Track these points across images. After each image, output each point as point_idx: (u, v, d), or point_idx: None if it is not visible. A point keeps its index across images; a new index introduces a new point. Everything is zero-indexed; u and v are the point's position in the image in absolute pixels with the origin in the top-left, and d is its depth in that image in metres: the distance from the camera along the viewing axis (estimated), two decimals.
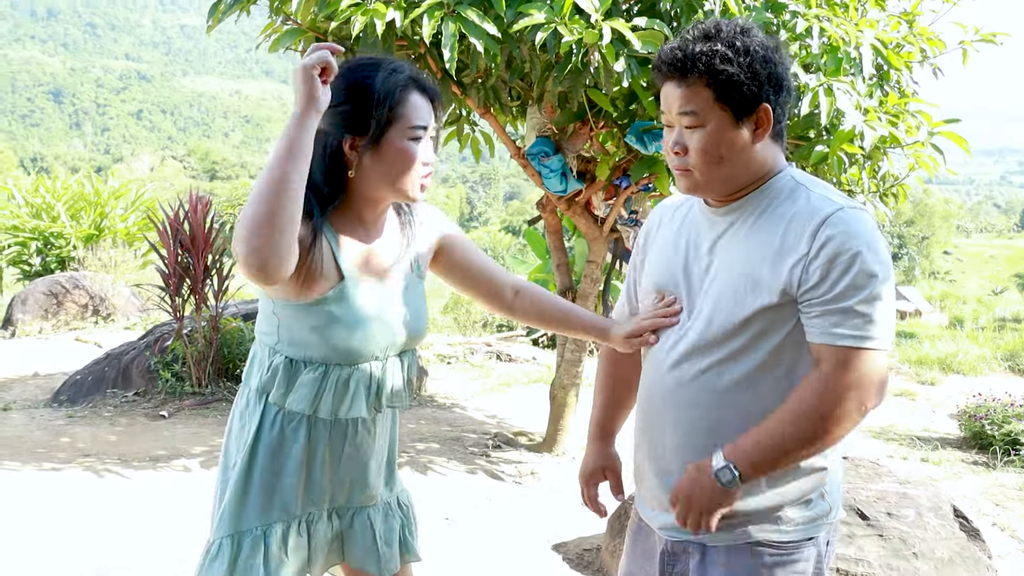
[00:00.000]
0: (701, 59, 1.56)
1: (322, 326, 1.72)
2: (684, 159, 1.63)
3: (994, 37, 4.40)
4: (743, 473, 1.59)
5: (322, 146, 1.68)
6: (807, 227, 1.56)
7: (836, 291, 1.53)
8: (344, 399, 1.77)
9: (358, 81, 1.69)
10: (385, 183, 1.74)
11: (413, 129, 1.71)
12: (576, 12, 3.50)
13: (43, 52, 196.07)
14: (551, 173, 4.71)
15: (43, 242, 11.99)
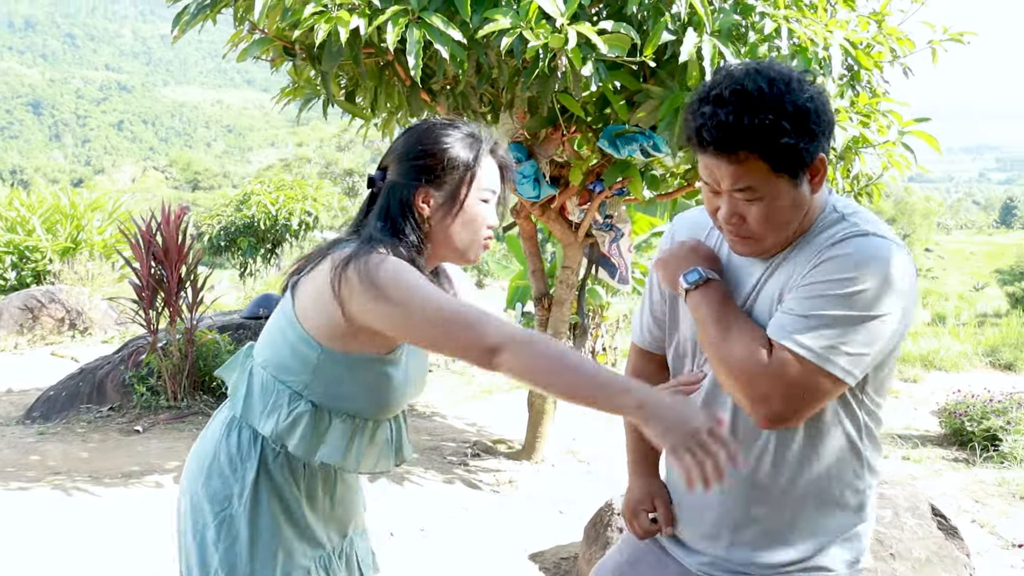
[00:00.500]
0: (754, 134, 1.40)
1: (374, 383, 1.69)
2: (744, 228, 1.51)
3: (961, 36, 4.40)
4: (694, 287, 1.57)
5: (397, 193, 1.69)
6: (824, 244, 1.49)
7: (812, 297, 1.45)
8: (371, 453, 1.76)
9: (437, 138, 1.71)
10: (452, 241, 1.73)
11: (486, 191, 1.73)
12: (542, 17, 3.47)
13: (21, 63, 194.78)
14: (524, 179, 4.68)
15: (18, 256, 11.86)
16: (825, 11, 4.35)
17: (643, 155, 4.24)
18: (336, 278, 1.56)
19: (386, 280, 1.54)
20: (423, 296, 1.53)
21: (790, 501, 1.59)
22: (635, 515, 1.81)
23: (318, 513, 1.77)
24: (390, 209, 1.69)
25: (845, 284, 1.43)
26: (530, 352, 1.47)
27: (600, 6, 3.98)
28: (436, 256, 1.76)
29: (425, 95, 4.36)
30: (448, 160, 1.69)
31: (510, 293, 12.07)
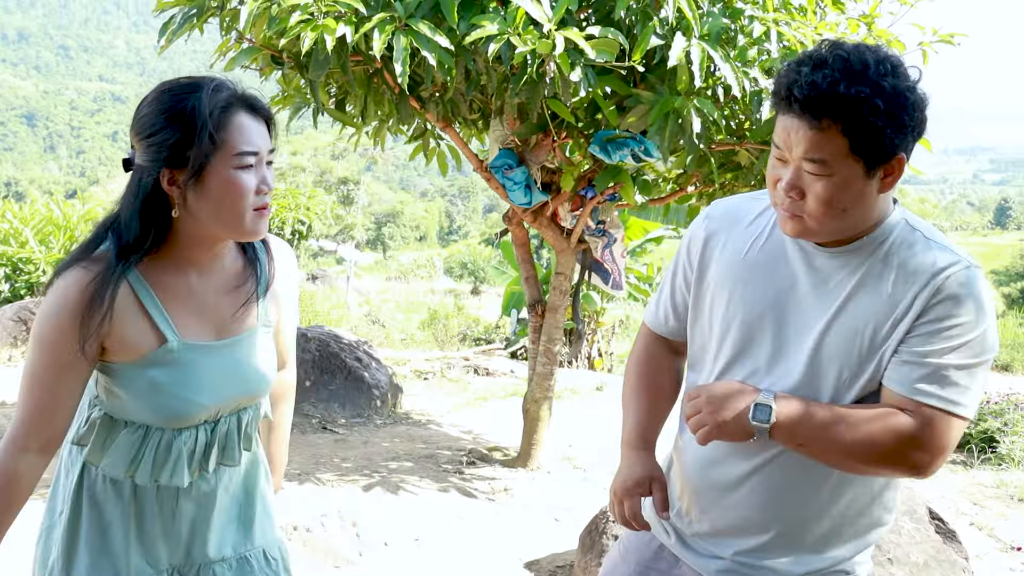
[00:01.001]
0: (845, 104, 1.34)
1: (141, 391, 1.52)
2: (798, 204, 1.44)
3: (952, 38, 4.40)
4: (776, 427, 1.45)
5: (136, 182, 1.48)
6: (929, 283, 1.43)
7: (937, 348, 1.42)
8: (165, 466, 1.57)
9: (173, 105, 1.47)
10: (214, 220, 1.49)
11: (240, 156, 1.47)
12: (529, 22, 3.46)
13: (15, 75, 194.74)
14: (515, 185, 4.67)
15: (11, 268, 11.81)
16: (815, 14, 4.35)
17: (634, 160, 4.23)
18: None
19: (37, 320, 1.48)
20: (30, 356, 1.48)
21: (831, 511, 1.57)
22: (628, 496, 1.67)
23: (151, 530, 1.62)
24: (124, 198, 1.50)
25: (970, 328, 1.42)
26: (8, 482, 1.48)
27: (588, 11, 3.97)
28: (208, 236, 1.54)
29: (414, 102, 4.35)
30: (186, 130, 1.45)
31: (505, 299, 12.08)
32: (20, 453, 1.48)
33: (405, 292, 24.43)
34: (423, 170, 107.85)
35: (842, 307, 1.48)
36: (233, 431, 1.65)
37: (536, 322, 5.27)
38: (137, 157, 1.49)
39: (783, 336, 1.53)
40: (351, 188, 43.79)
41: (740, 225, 1.63)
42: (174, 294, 1.55)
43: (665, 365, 1.80)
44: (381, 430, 6.29)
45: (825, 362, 1.49)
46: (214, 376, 1.57)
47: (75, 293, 1.44)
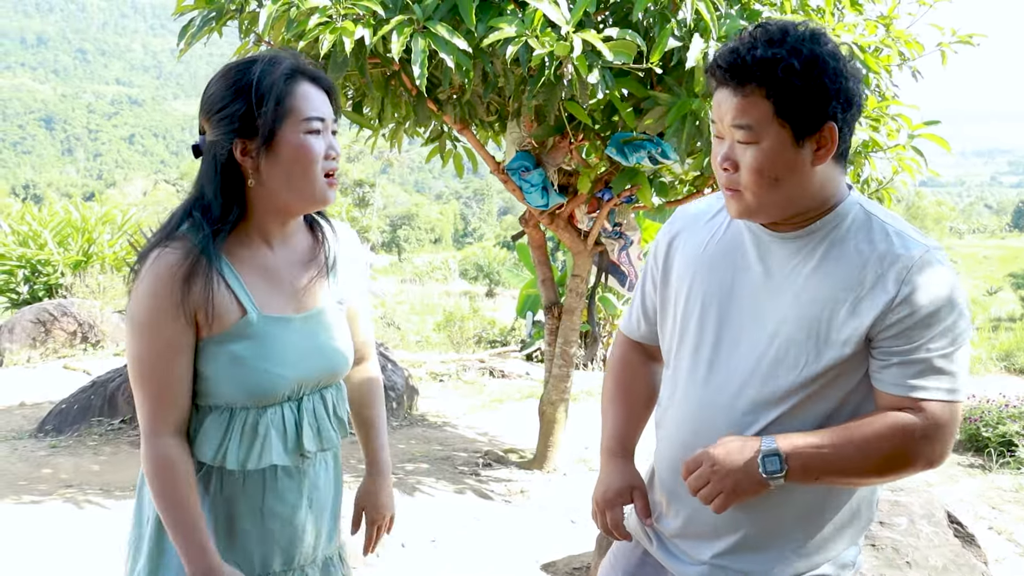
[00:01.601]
0: (762, 67, 1.38)
1: (223, 367, 1.53)
2: (734, 177, 1.46)
3: (971, 38, 4.37)
4: (791, 471, 1.43)
5: (212, 157, 1.52)
6: (891, 269, 1.43)
7: (920, 342, 1.42)
8: (253, 447, 1.56)
9: (238, 79, 1.51)
10: (287, 188, 1.53)
11: (308, 121, 1.52)
12: (547, 25, 3.47)
13: (33, 79, 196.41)
14: (532, 187, 4.67)
15: (30, 270, 11.91)
16: (832, 15, 4.33)
17: (651, 162, 4.22)
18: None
19: (133, 309, 1.50)
20: (137, 344, 1.50)
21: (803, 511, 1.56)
22: (610, 506, 1.70)
23: (238, 530, 1.60)
24: (203, 175, 1.54)
25: (947, 313, 1.43)
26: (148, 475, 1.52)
27: (606, 13, 3.97)
28: (281, 206, 1.57)
29: (432, 105, 4.36)
30: (254, 99, 1.49)
31: (520, 302, 12.07)
32: (160, 439, 1.51)
33: (420, 294, 24.49)
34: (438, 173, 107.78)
35: (799, 293, 1.49)
36: (320, 410, 1.66)
37: (552, 324, 5.27)
38: (209, 134, 1.53)
39: (741, 324, 1.54)
40: (366, 191, 43.90)
41: (700, 222, 1.66)
42: (251, 268, 1.57)
43: (640, 371, 1.81)
44: (397, 432, 6.31)
45: (783, 348, 1.49)
46: (293, 349, 1.58)
47: (168, 273, 1.46)
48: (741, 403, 1.52)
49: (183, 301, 1.47)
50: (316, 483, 1.68)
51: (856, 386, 1.49)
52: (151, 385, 1.50)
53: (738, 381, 1.53)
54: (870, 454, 1.43)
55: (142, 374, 1.50)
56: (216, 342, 1.53)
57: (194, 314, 1.49)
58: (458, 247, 55.44)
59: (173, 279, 1.46)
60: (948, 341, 1.43)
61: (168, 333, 1.48)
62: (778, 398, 1.50)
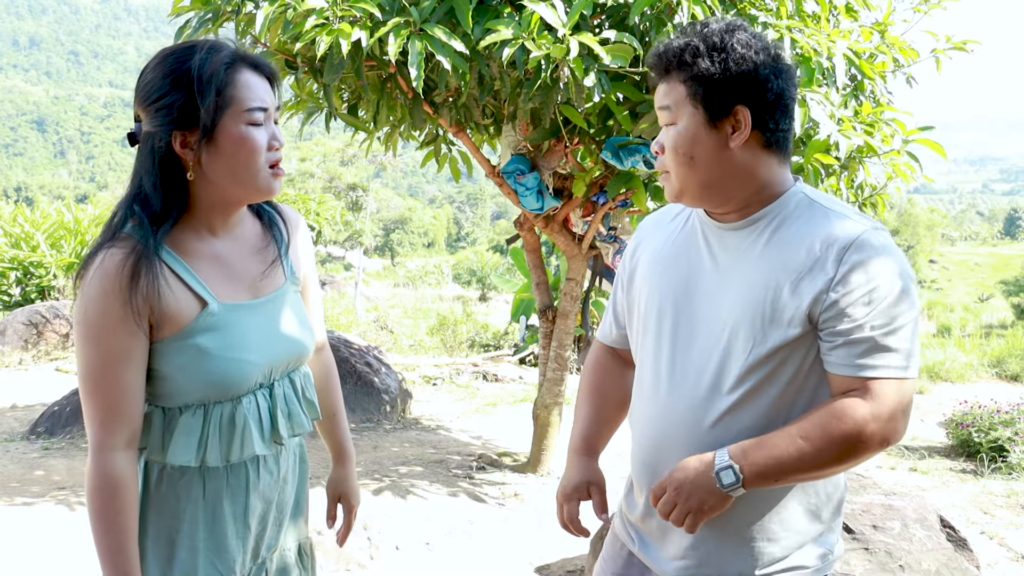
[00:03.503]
0: (676, 54, 1.50)
1: (190, 363, 1.47)
2: (662, 159, 1.56)
3: (964, 45, 4.40)
4: (747, 480, 1.46)
5: (149, 149, 1.45)
6: (831, 249, 1.46)
7: (863, 320, 1.44)
8: (233, 439, 1.52)
9: (177, 67, 1.44)
10: (230, 180, 1.48)
11: (250, 112, 1.46)
12: (544, 28, 3.47)
13: (26, 81, 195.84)
14: (527, 191, 4.68)
15: (22, 272, 11.87)
16: (828, 21, 4.35)
17: (646, 166, 4.23)
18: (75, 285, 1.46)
19: (80, 315, 1.42)
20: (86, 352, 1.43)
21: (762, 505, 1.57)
22: (567, 500, 1.75)
23: (224, 532, 1.56)
24: (140, 168, 1.47)
25: (890, 289, 1.44)
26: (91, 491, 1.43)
27: (602, 17, 3.98)
28: (226, 198, 1.52)
29: (428, 107, 4.36)
30: (193, 90, 1.43)
31: (514, 306, 12.07)
32: (110, 454, 1.42)
33: (413, 298, 24.44)
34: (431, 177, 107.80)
35: (744, 279, 1.53)
36: (291, 394, 1.62)
37: (547, 328, 5.27)
38: (145, 125, 1.46)
39: (696, 317, 1.58)
40: (360, 194, 43.86)
41: (661, 225, 1.74)
42: (202, 259, 1.52)
43: (612, 375, 1.85)
44: (391, 435, 6.30)
45: (734, 334, 1.52)
46: (257, 334, 1.54)
47: (114, 274, 1.40)
48: (700, 392, 1.55)
49: (131, 303, 1.40)
50: (286, 477, 1.66)
51: (806, 368, 1.51)
52: (101, 395, 1.42)
53: (696, 372, 1.56)
54: (824, 447, 1.44)
55: (92, 383, 1.42)
56: (177, 339, 1.47)
57: (146, 316, 1.43)
58: (451, 251, 55.41)
59: (119, 281, 1.40)
60: (891, 318, 1.44)
61: (117, 339, 1.41)
62: (732, 384, 1.52)
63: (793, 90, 1.54)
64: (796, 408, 1.51)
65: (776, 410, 1.51)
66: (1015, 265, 38.65)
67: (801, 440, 1.45)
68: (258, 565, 1.64)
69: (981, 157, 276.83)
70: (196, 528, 1.53)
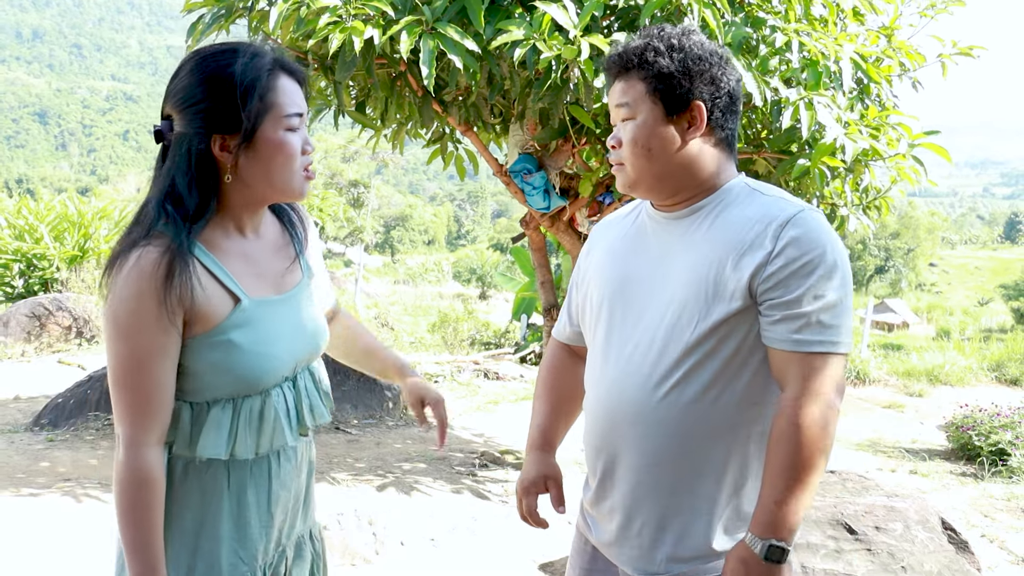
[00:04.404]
0: (636, 53, 1.59)
1: (222, 359, 1.49)
2: (618, 152, 1.63)
3: (971, 50, 4.42)
4: (789, 539, 1.51)
5: (185, 151, 1.47)
6: (769, 227, 1.54)
7: (799, 294, 1.51)
8: (263, 432, 1.55)
9: (217, 71, 1.47)
10: (265, 183, 1.52)
11: (288, 118, 1.50)
12: (555, 28, 3.50)
13: (28, 73, 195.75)
14: (534, 190, 4.70)
15: (26, 264, 11.89)
16: (835, 25, 4.38)
17: None
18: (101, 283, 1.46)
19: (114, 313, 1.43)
20: (120, 349, 1.43)
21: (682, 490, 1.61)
22: (526, 494, 1.83)
23: (249, 523, 1.58)
24: (174, 167, 1.48)
25: (820, 263, 1.51)
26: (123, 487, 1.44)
27: (612, 18, 4.00)
28: (258, 199, 1.56)
29: (437, 106, 4.38)
30: (235, 95, 1.46)
31: (515, 305, 12.10)
32: (142, 449, 1.44)
33: (413, 296, 24.47)
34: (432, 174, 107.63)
35: (688, 259, 1.60)
36: (311, 386, 1.66)
37: (550, 326, 5.30)
38: (180, 126, 1.48)
39: (641, 302, 1.65)
40: (361, 191, 43.88)
41: (614, 225, 1.82)
42: (232, 256, 1.54)
43: (566, 371, 1.91)
44: (393, 431, 6.33)
45: (677, 311, 1.58)
46: (284, 329, 1.58)
47: (150, 273, 1.41)
48: (645, 370, 1.60)
49: (167, 302, 1.42)
50: (300, 466, 1.69)
51: (750, 342, 1.57)
52: (135, 392, 1.44)
53: (642, 351, 1.62)
54: (802, 457, 1.50)
55: (125, 381, 1.44)
56: (209, 336, 1.49)
57: (180, 315, 1.45)
58: (451, 249, 55.44)
59: (155, 280, 1.41)
60: (825, 292, 1.51)
61: (153, 337, 1.43)
62: (677, 359, 1.57)
63: (740, 92, 1.65)
64: (740, 381, 1.57)
65: (721, 384, 1.57)
66: (1015, 269, 38.69)
67: (786, 473, 1.50)
68: (279, 553, 1.66)
69: (982, 161, 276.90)
70: (220, 519, 1.55)
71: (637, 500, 1.64)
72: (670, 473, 1.60)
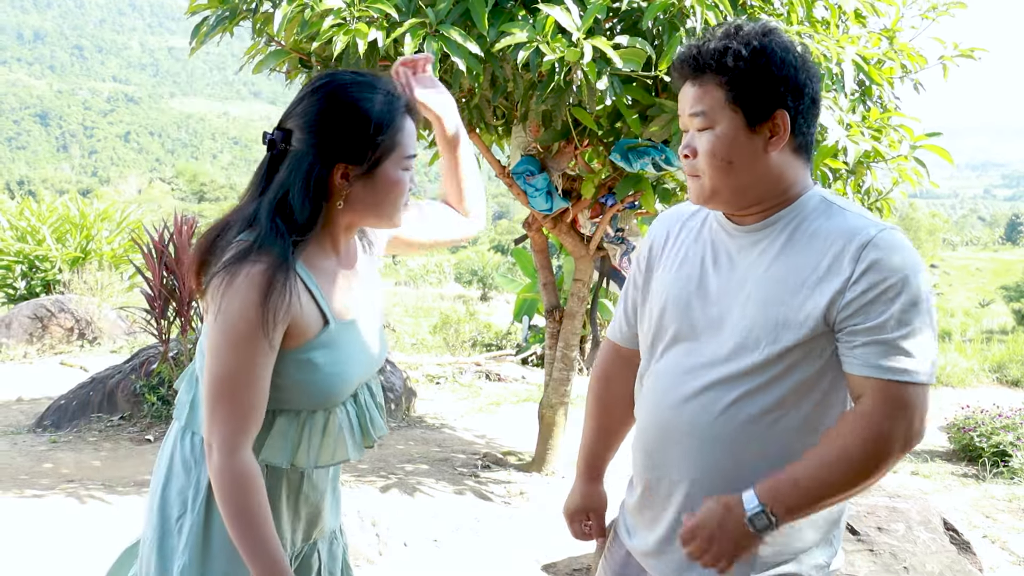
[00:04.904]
0: (714, 56, 1.47)
1: (301, 376, 1.55)
2: (693, 163, 1.53)
3: (972, 52, 4.43)
4: (780, 519, 1.45)
5: (305, 171, 1.52)
6: (848, 249, 1.45)
7: (881, 320, 1.42)
8: (326, 446, 1.62)
9: (353, 103, 1.53)
10: (373, 213, 1.59)
11: (408, 159, 1.58)
12: (558, 31, 3.51)
13: (30, 75, 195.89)
14: (536, 192, 4.71)
15: (28, 265, 11.90)
16: (837, 27, 4.39)
17: (655, 169, 4.27)
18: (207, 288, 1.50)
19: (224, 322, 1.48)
20: (228, 359, 1.48)
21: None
22: (572, 521, 1.90)
23: (279, 514, 1.64)
24: (292, 187, 1.52)
25: (903, 289, 1.43)
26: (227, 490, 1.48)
27: (615, 21, 4.01)
28: (355, 222, 1.62)
29: None
30: (368, 131, 1.52)
31: (517, 306, 12.10)
32: (239, 454, 1.49)
33: (414, 297, 24.46)
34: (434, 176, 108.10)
35: (760, 279, 1.52)
36: (370, 402, 1.71)
37: (553, 328, 5.31)
38: (300, 144, 1.52)
39: (707, 316, 1.57)
40: None
41: (677, 223, 1.73)
42: (325, 276, 1.60)
43: (619, 384, 1.84)
44: (396, 433, 6.34)
45: (745, 332, 1.51)
46: (358, 350, 1.63)
47: (260, 287, 1.46)
48: (705, 385, 1.55)
49: (273, 316, 1.47)
50: (337, 468, 1.76)
51: (818, 369, 1.49)
52: (238, 401, 1.49)
53: (704, 366, 1.56)
54: (847, 465, 1.43)
55: (230, 389, 1.48)
56: (297, 352, 1.54)
57: (282, 329, 1.50)
58: (452, 250, 55.38)
59: (263, 295, 1.46)
60: (909, 319, 1.43)
61: (257, 348, 1.48)
62: (739, 379, 1.51)
63: (820, 93, 1.55)
64: (803, 408, 1.50)
65: (783, 409, 1.50)
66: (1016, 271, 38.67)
67: (824, 467, 1.44)
68: (310, 545, 1.74)
69: (983, 162, 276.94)
70: None
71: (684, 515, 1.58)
72: (721, 491, 1.53)
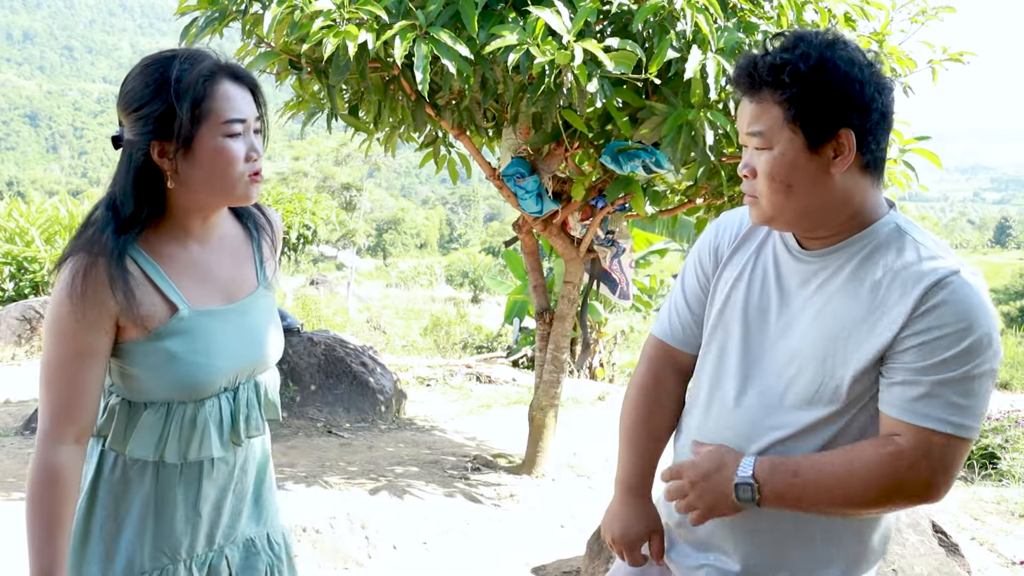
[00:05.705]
0: (771, 71, 1.36)
1: (158, 365, 1.51)
2: (751, 184, 1.44)
3: (961, 56, 4.45)
4: (764, 501, 1.41)
5: (127, 158, 1.49)
6: (915, 287, 1.35)
7: (932, 362, 1.33)
8: (192, 440, 1.56)
9: (157, 78, 1.47)
10: (207, 189, 1.51)
11: (228, 124, 1.48)
12: (548, 33, 3.51)
13: (19, 75, 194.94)
14: (527, 194, 4.71)
15: (16, 267, 11.84)
16: None
17: (645, 171, 4.27)
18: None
19: (50, 312, 1.46)
20: (49, 349, 1.47)
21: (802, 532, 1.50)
22: (630, 549, 1.69)
23: (173, 511, 1.59)
24: (118, 174, 1.50)
25: (964, 338, 1.33)
26: (33, 480, 1.46)
27: (605, 23, 4.01)
28: (202, 204, 1.55)
29: (430, 109, 4.39)
30: (170, 102, 1.45)
31: (507, 308, 12.11)
32: (57, 446, 1.46)
33: (405, 299, 24.46)
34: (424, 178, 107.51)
35: (821, 310, 1.45)
36: (253, 398, 1.65)
37: (544, 330, 5.31)
38: (126, 132, 1.50)
39: (765, 342, 1.51)
40: (353, 194, 43.83)
41: (743, 229, 1.62)
42: (177, 264, 1.54)
43: (667, 400, 1.72)
44: (386, 435, 6.32)
45: (803, 364, 1.44)
46: (226, 340, 1.57)
47: (83, 277, 1.44)
48: (758, 416, 1.49)
49: (93, 308, 1.44)
50: (244, 467, 1.69)
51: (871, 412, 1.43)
52: (56, 391, 1.46)
53: (754, 397, 1.50)
54: (852, 485, 1.37)
55: (50, 379, 1.46)
56: (145, 342, 1.50)
57: (111, 319, 1.46)
58: (443, 252, 55.35)
59: (83, 286, 1.43)
60: (964, 368, 1.33)
61: (78, 340, 1.45)
62: (790, 414, 1.46)
63: (894, 105, 1.42)
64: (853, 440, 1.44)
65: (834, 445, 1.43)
66: (1005, 274, 38.85)
67: (831, 475, 1.39)
68: (216, 552, 1.66)
69: (972, 166, 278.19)
70: (146, 512, 1.58)
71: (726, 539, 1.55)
72: (768, 522, 1.49)
